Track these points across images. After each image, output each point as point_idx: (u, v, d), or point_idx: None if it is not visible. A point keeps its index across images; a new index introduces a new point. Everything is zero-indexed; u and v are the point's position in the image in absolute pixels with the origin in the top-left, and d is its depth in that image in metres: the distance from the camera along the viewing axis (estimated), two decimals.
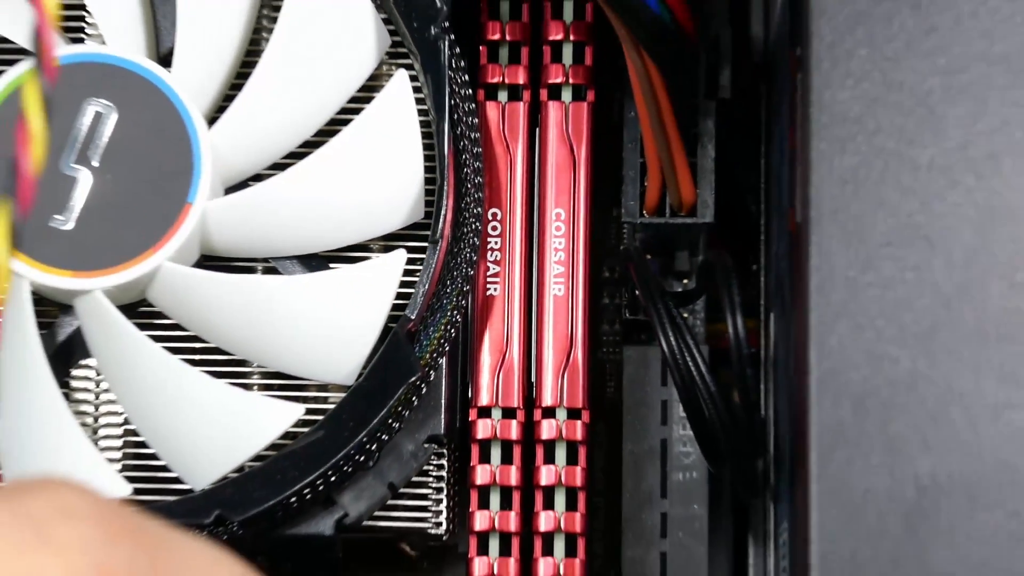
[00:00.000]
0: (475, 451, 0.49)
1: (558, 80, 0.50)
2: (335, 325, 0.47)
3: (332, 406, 0.46)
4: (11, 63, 0.48)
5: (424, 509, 0.48)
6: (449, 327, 0.47)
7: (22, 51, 0.48)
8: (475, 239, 0.48)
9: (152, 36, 0.49)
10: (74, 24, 0.49)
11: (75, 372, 0.48)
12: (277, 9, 0.48)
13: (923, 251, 0.37)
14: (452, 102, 0.47)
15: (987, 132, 0.37)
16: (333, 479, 0.46)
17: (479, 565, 0.48)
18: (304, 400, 0.47)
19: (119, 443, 0.48)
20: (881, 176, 0.37)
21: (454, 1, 0.48)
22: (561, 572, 0.48)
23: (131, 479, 0.46)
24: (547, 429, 0.49)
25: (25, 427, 0.45)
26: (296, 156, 0.48)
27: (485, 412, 0.49)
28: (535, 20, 0.50)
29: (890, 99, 0.38)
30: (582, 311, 0.49)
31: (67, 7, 0.48)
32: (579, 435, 0.49)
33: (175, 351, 0.46)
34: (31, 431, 0.46)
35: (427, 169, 0.47)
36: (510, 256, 0.50)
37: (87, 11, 0.48)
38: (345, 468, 0.46)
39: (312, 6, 0.48)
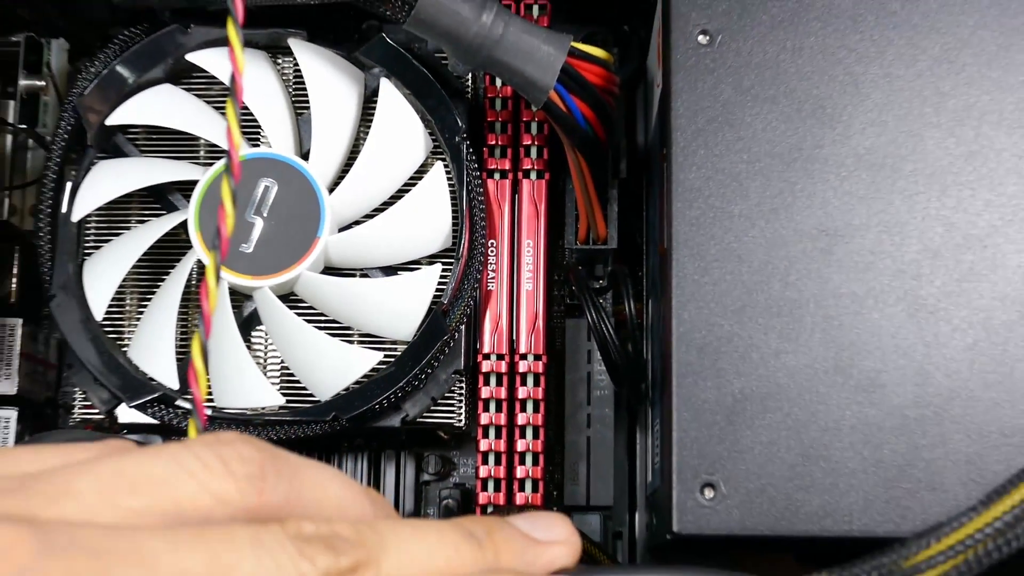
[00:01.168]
0: (480, 379, 0.48)
1: (528, 167, 0.50)
2: (400, 306, 0.47)
3: (398, 353, 0.47)
4: (218, 158, 0.48)
5: (451, 412, 0.48)
6: (466, 307, 0.47)
7: (223, 151, 0.48)
8: (481, 257, 0.48)
9: (298, 142, 0.49)
10: (254, 135, 0.49)
11: (253, 334, 0.49)
12: (369, 125, 0.48)
13: (735, 263, 0.37)
14: (468, 179, 0.47)
15: (771, 196, 0.37)
16: (400, 394, 0.46)
17: (483, 444, 0.48)
18: (383, 349, 0.47)
19: (278, 374, 0.48)
20: (711, 222, 0.37)
21: (469, 122, 0.48)
22: (530, 448, 0.48)
23: (284, 394, 0.46)
24: (522, 366, 0.48)
25: (224, 368, 0.46)
26: (378, 211, 0.48)
27: (487, 356, 0.48)
28: (515, 133, 0.50)
29: (717, 178, 0.37)
30: (542, 298, 0.49)
31: (248, 125, 0.48)
32: (540, 369, 0.48)
33: (309, 321, 0.46)
34: (227, 370, 0.46)
35: (453, 217, 0.47)
36: (500, 267, 0.49)
37: (261, 127, 0.48)
38: (407, 388, 0.46)
39: (389, 127, 0.47)
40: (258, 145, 0.49)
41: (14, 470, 0.24)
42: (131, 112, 0.48)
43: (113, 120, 0.48)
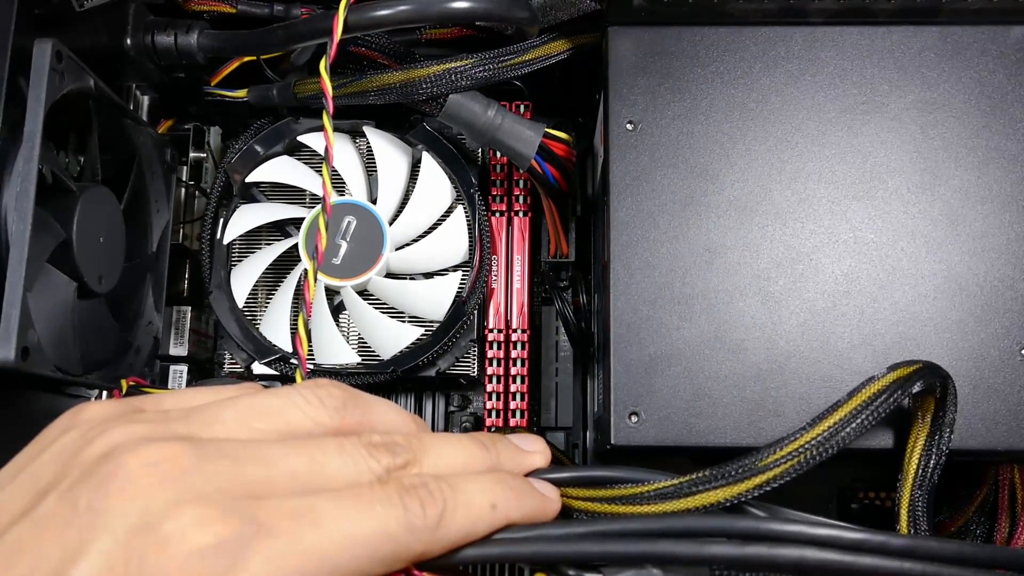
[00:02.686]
0: (487, 345, 0.48)
1: (518, 209, 0.49)
2: (435, 297, 0.46)
3: (434, 328, 0.46)
4: (317, 203, 0.48)
5: (468, 366, 0.47)
6: (478, 298, 0.47)
7: (320, 199, 0.47)
8: (487, 266, 0.47)
9: (370, 193, 0.48)
10: (341, 188, 0.48)
11: (340, 317, 0.48)
12: (414, 182, 0.47)
13: (651, 270, 0.36)
14: (478, 217, 0.47)
15: (673, 227, 0.37)
16: (435, 355, 0.46)
17: (488, 387, 0.48)
18: (424, 326, 0.46)
19: (356, 342, 0.47)
20: (636, 243, 0.37)
21: (480, 180, 0.48)
22: (519, 389, 0.47)
23: (360, 355, 0.46)
24: (514, 337, 0.48)
25: (320, 338, 0.45)
26: (421, 237, 0.47)
27: (491, 330, 0.48)
28: (509, 187, 0.50)
29: (638, 216, 0.37)
30: (527, 293, 0.49)
31: (337, 182, 0.48)
32: (526, 339, 0.48)
33: (376, 308, 0.46)
34: (323, 339, 0.45)
35: (469, 241, 0.47)
36: (499, 273, 0.49)
37: (346, 183, 0.48)
38: (440, 350, 0.46)
39: (428, 183, 0.47)
40: (343, 194, 0.48)
41: (182, 404, 0.24)
42: (262, 174, 0.48)
43: (250, 179, 0.48)
